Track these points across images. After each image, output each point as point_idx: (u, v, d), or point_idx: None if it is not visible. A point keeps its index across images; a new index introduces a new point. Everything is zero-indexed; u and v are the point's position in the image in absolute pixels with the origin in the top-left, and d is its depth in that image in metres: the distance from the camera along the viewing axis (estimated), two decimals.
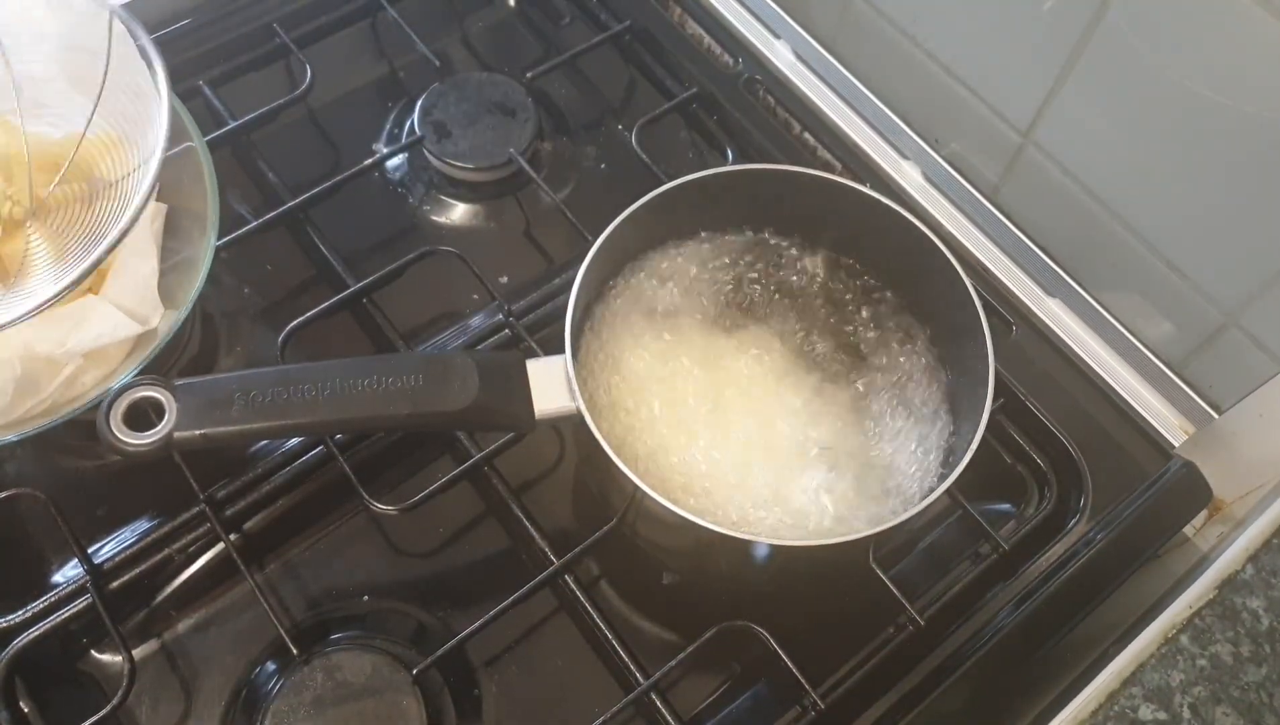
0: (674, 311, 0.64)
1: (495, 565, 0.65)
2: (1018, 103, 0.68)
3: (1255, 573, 0.56)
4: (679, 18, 0.87)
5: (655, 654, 0.59)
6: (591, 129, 0.83)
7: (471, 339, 0.69)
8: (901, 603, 0.60)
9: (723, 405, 0.61)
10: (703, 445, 0.59)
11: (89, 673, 0.60)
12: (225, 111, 0.76)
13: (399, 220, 0.77)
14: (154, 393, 0.51)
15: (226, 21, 0.81)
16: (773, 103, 0.83)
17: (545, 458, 0.68)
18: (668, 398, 0.61)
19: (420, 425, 0.57)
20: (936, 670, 0.60)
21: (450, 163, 0.76)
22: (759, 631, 0.58)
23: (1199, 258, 0.64)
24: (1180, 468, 0.67)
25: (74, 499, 0.62)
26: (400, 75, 0.84)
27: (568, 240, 0.73)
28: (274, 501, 0.64)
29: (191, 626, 0.62)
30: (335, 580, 0.64)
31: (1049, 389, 0.70)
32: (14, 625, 0.58)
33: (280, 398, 0.52)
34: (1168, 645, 0.54)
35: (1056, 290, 0.73)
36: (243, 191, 0.76)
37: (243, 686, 0.60)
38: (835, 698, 0.59)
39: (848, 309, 0.65)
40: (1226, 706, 0.52)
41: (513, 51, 0.86)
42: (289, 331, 0.65)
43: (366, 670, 0.57)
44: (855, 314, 0.65)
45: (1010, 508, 0.69)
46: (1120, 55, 0.61)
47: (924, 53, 0.73)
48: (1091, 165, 0.67)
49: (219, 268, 0.72)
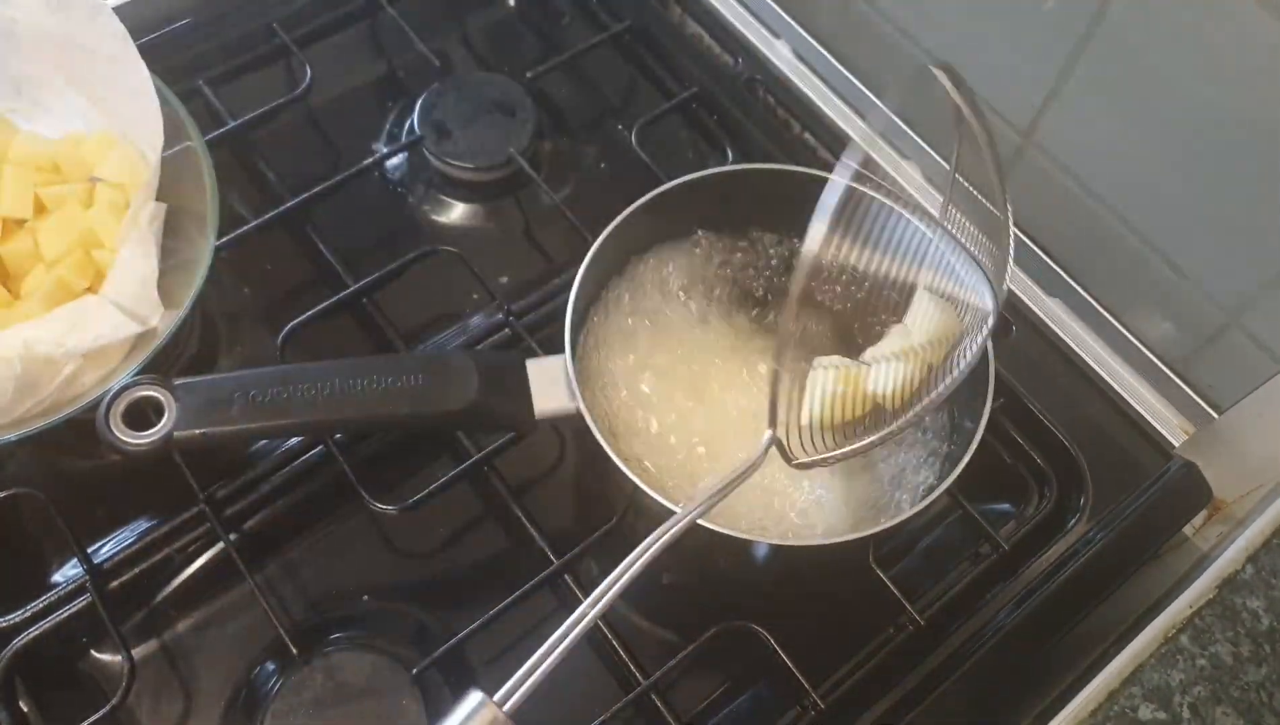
0: (674, 311, 0.64)
1: (495, 565, 0.65)
2: (1018, 103, 0.68)
3: (1255, 573, 0.56)
4: (679, 18, 0.87)
5: (655, 654, 0.59)
6: (591, 129, 0.83)
7: (471, 339, 0.69)
8: (901, 603, 0.60)
9: (723, 404, 0.61)
10: (703, 445, 0.59)
11: (89, 673, 0.60)
12: (225, 111, 0.76)
13: (399, 220, 0.77)
14: (154, 392, 0.51)
15: (226, 21, 0.80)
16: (773, 103, 0.83)
17: (545, 458, 0.68)
18: (668, 396, 0.60)
19: (420, 425, 0.57)
20: (936, 670, 0.60)
21: (450, 162, 0.76)
22: (759, 631, 0.58)
23: (1199, 258, 0.64)
24: (1180, 468, 0.67)
25: (74, 499, 0.62)
26: (400, 75, 0.84)
27: (568, 240, 0.73)
28: (274, 501, 0.64)
29: (191, 626, 0.62)
30: (335, 580, 0.64)
31: (1049, 389, 0.70)
32: (14, 625, 0.58)
33: (280, 398, 0.52)
34: (1168, 645, 0.54)
35: (1056, 290, 0.73)
36: (243, 191, 0.76)
37: (243, 686, 0.60)
38: (835, 698, 0.59)
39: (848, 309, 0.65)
40: (1226, 706, 0.52)
41: (513, 51, 0.86)
42: (289, 331, 0.64)
43: (366, 670, 0.57)
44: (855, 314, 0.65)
45: (1010, 508, 0.69)
46: (1120, 55, 0.61)
47: (924, 53, 0.73)
48: (1092, 165, 0.67)
49: (219, 268, 0.72)
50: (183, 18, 0.80)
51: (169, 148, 0.62)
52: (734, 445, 0.59)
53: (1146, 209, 0.65)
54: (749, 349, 0.63)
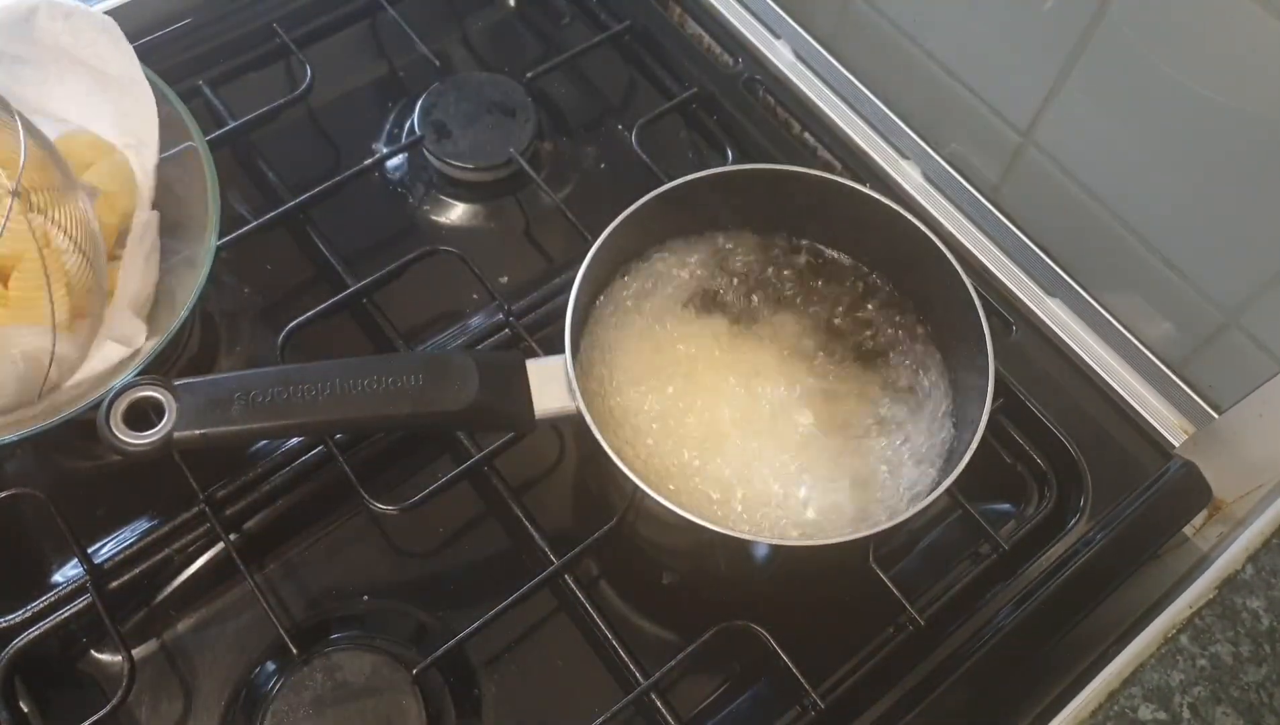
0: (674, 310, 0.64)
1: (495, 565, 0.65)
2: (1018, 103, 0.68)
3: (1255, 573, 0.56)
4: (679, 18, 0.87)
5: (655, 654, 0.59)
6: (591, 129, 0.83)
7: (471, 339, 0.69)
8: (901, 603, 0.60)
9: (723, 404, 0.61)
10: (703, 444, 0.59)
11: (89, 672, 0.60)
12: (225, 111, 0.76)
13: (399, 220, 0.77)
14: (154, 393, 0.51)
15: (226, 21, 0.81)
16: (773, 103, 0.83)
17: (545, 458, 0.68)
18: (668, 397, 0.60)
19: (420, 425, 0.57)
20: (936, 670, 0.60)
21: (450, 163, 0.76)
22: (759, 631, 0.58)
23: (1199, 258, 0.64)
24: (1180, 468, 0.67)
25: (74, 499, 0.62)
26: (400, 75, 0.84)
27: (568, 240, 0.73)
28: (274, 501, 0.64)
29: (191, 626, 0.62)
30: (335, 580, 0.64)
31: (1049, 389, 0.70)
32: (14, 625, 0.58)
33: (280, 398, 0.52)
34: (1168, 645, 0.54)
35: (1056, 290, 0.73)
36: (243, 191, 0.76)
37: (243, 686, 0.60)
38: (835, 698, 0.59)
39: (848, 309, 0.65)
40: (1226, 706, 0.52)
41: (513, 51, 0.86)
42: (289, 331, 0.64)
43: (366, 670, 0.57)
44: (855, 314, 0.65)
45: (1010, 508, 0.69)
46: (1120, 55, 0.61)
47: (924, 52, 0.73)
48: (1091, 165, 0.67)
49: (219, 268, 0.72)
50: (183, 18, 0.80)
51: (169, 148, 0.62)
52: (736, 442, 0.59)
53: (1146, 209, 0.65)
54: (748, 349, 0.63)
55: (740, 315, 0.64)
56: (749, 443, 0.59)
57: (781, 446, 0.59)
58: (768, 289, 0.65)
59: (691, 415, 0.60)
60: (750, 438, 0.59)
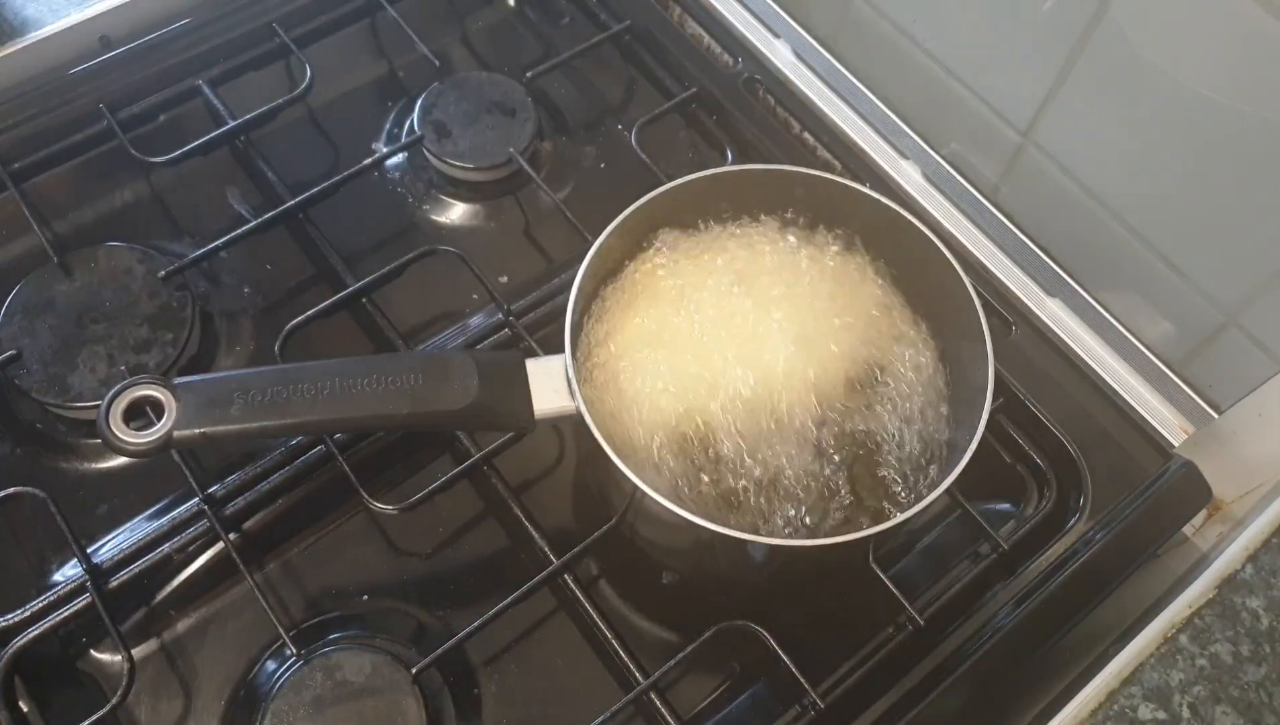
0: (674, 310, 0.64)
1: (495, 565, 0.65)
2: (1018, 103, 0.68)
3: (1255, 572, 0.56)
4: (679, 18, 0.87)
5: (655, 654, 0.59)
6: (591, 129, 0.83)
7: (471, 339, 0.69)
8: (901, 603, 0.60)
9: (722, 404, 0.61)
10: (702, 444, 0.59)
11: (89, 672, 0.60)
12: (225, 111, 0.76)
13: (399, 220, 0.77)
14: (154, 392, 0.51)
15: (226, 21, 0.80)
16: (773, 102, 0.83)
17: (545, 458, 0.68)
18: (667, 396, 0.60)
19: (420, 425, 0.57)
20: (936, 670, 0.60)
21: (450, 162, 0.76)
22: (759, 631, 0.58)
23: (1199, 258, 0.64)
24: (1180, 467, 0.67)
25: (74, 499, 0.62)
26: (400, 75, 0.84)
27: (567, 240, 0.73)
28: (274, 500, 0.64)
29: (191, 626, 0.62)
30: (335, 580, 0.64)
31: (1049, 389, 0.70)
32: (14, 624, 0.58)
33: (280, 397, 0.52)
34: (1167, 645, 0.54)
35: (1056, 290, 0.73)
36: (243, 191, 0.76)
37: (242, 686, 0.60)
38: (835, 697, 0.59)
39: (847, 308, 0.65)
40: (1226, 706, 0.52)
41: (512, 51, 0.86)
42: (289, 331, 0.64)
43: (366, 670, 0.57)
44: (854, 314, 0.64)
45: (1010, 507, 0.69)
46: (1120, 55, 0.61)
47: (924, 52, 0.73)
48: (1091, 165, 0.67)
49: (219, 267, 0.73)
50: (183, 18, 0.80)
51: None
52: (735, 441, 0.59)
53: (1146, 209, 0.65)
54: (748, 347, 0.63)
55: (741, 314, 0.64)
56: (748, 440, 0.59)
57: (781, 444, 0.59)
58: (768, 289, 0.65)
59: (691, 413, 0.60)
60: (750, 435, 0.59)
